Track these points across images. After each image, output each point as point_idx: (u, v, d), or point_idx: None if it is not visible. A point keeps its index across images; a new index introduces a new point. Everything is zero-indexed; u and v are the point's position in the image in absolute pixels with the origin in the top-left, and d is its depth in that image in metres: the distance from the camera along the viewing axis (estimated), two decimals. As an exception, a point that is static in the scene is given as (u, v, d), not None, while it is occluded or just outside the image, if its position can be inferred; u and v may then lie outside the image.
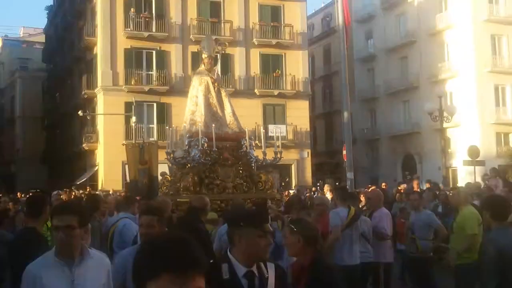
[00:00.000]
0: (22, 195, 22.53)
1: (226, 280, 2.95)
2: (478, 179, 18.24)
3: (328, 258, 7.63)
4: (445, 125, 21.98)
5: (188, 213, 7.12)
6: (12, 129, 55.37)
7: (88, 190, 26.58)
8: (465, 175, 28.00)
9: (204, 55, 11.87)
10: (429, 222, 8.92)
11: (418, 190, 15.01)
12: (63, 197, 17.35)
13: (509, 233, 5.26)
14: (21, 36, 66.79)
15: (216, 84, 11.52)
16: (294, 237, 4.04)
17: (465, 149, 24.26)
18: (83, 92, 35.93)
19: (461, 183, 23.88)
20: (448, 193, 14.18)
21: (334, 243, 7.59)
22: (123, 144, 26.04)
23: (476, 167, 21.68)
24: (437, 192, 15.16)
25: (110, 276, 3.73)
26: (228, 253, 3.15)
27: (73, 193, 22.01)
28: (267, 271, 3.14)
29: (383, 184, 23.07)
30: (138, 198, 12.13)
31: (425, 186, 19.18)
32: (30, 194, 18.97)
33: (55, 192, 17.73)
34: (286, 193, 18.23)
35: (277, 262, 4.54)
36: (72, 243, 3.44)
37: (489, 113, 36.03)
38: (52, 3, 50.69)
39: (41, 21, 67.86)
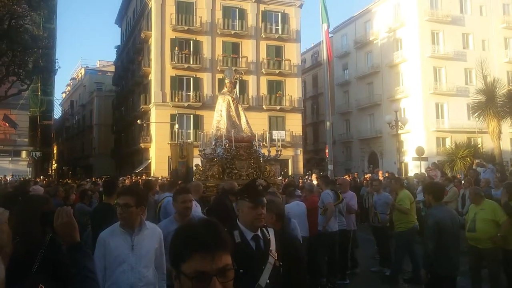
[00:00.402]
0: (98, 180, 22.78)
1: (238, 243, 2.71)
2: (423, 171, 18.08)
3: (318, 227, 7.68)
4: (399, 131, 21.78)
5: (221, 194, 7.14)
6: (90, 133, 55.78)
7: (144, 176, 26.72)
8: (413, 168, 27.82)
9: (226, 81, 11.88)
10: (387, 201, 8.89)
11: (381, 178, 14.89)
12: (127, 181, 17.43)
13: (444, 209, 5.26)
14: (98, 66, 67.28)
15: (235, 102, 11.51)
16: (269, 215, 3.94)
17: (413, 149, 24.10)
18: (141, 107, 36.11)
19: (411, 173, 23.72)
20: (401, 180, 14.11)
21: (331, 216, 7.62)
22: (168, 144, 26.18)
23: (421, 162, 21.54)
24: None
25: (162, 242, 3.66)
26: (238, 221, 2.91)
27: (133, 179, 22.14)
28: (269, 234, 2.89)
29: (355, 174, 22.97)
30: (179, 182, 12.21)
31: (385, 175, 19.05)
32: (105, 178, 19.12)
33: (121, 178, 17.85)
34: (285, 180, 18.17)
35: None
36: (129, 217, 3.40)
37: (431, 123, 35.78)
38: (120, 43, 51.00)
39: (112, 55, 68.15)
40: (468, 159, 18.28)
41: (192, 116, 33.97)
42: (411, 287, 7.71)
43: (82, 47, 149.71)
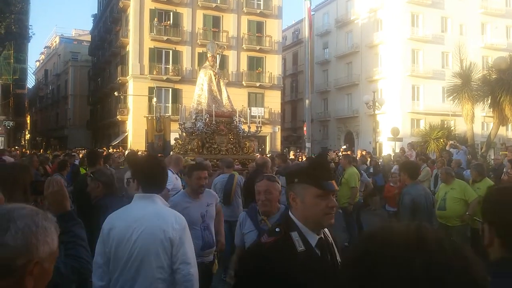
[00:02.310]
0: (73, 151, 22.39)
1: (301, 253, 1.72)
2: (397, 150, 18.47)
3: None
4: (376, 112, 22.10)
5: (257, 167, 7.33)
6: (65, 103, 54.44)
7: (120, 149, 26.40)
8: (387, 148, 28.37)
9: (209, 55, 11.78)
10: (361, 179, 9.10)
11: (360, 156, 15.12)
12: (104, 153, 17.17)
13: (419, 188, 5.42)
14: (73, 35, 65.14)
15: (217, 76, 11.44)
16: (94, 183, 3.89)
17: (389, 129, 24.53)
18: (118, 79, 35.35)
19: (385, 153, 24.19)
20: (377, 160, 14.38)
21: None
22: (144, 117, 25.84)
23: (396, 142, 21.98)
24: (369, 159, 15.33)
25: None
26: (291, 215, 1.87)
27: (111, 150, 21.86)
28: (329, 236, 1.93)
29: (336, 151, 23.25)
30: (160, 155, 12.14)
31: (362, 153, 19.37)
32: (89, 149, 18.80)
33: (100, 150, 17.58)
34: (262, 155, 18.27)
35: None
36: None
37: (407, 105, 36.37)
38: (96, 12, 49.39)
39: (88, 24, 66.04)
40: (442, 140, 18.72)
41: (170, 89, 33.51)
42: None
43: (57, 15, 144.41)
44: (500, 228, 1.42)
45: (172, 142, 14.08)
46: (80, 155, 17.03)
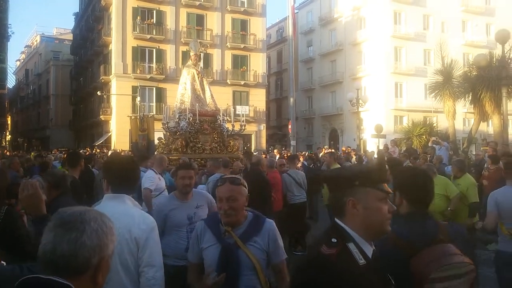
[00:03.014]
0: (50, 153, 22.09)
1: (363, 266, 1.54)
2: (381, 147, 18.65)
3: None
4: (360, 109, 22.26)
5: (253, 165, 7.65)
6: (47, 103, 53.58)
7: (103, 149, 26.10)
8: (372, 145, 28.63)
9: (191, 53, 11.70)
10: None
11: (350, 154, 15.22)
12: (87, 153, 16.95)
13: None
14: (54, 34, 64.07)
15: (200, 75, 11.38)
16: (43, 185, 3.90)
17: (372, 126, 24.74)
18: (100, 78, 34.92)
19: (369, 150, 24.39)
20: (361, 156, 14.50)
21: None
22: (128, 116, 25.58)
23: (379, 139, 22.19)
24: (354, 156, 15.45)
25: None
26: (342, 224, 1.65)
27: (94, 151, 21.57)
28: (372, 245, 1.67)
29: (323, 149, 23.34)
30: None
31: (343, 150, 19.50)
32: (70, 151, 18.49)
33: (81, 151, 17.32)
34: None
35: None
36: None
37: (390, 102, 36.73)
38: (78, 10, 48.68)
39: (70, 23, 65.10)
40: (424, 137, 19.02)
41: (154, 88, 33.23)
42: None
43: (38, 13, 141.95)
44: (404, 193, 2.27)
45: (156, 141, 13.97)
46: (64, 156, 16.77)
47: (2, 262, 1.95)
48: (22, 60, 70.96)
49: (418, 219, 2.16)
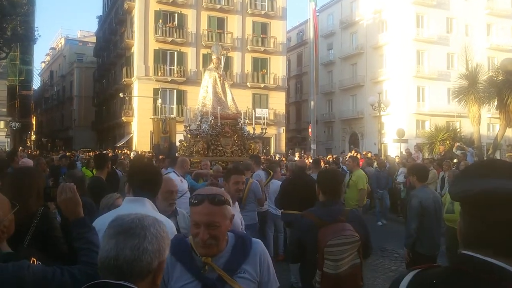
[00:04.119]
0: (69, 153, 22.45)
1: None
2: (403, 152, 18.37)
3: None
4: (381, 113, 21.99)
5: (298, 169, 7.51)
6: (70, 104, 54.67)
7: (126, 150, 26.45)
8: (393, 149, 28.23)
9: (213, 56, 11.74)
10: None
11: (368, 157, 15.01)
12: (110, 154, 17.18)
13: (427, 191, 5.37)
14: (78, 37, 65.41)
15: (221, 78, 11.41)
16: None
17: (393, 130, 24.41)
18: (123, 80, 35.46)
19: (390, 154, 24.06)
20: (384, 161, 14.31)
21: None
22: (150, 118, 25.87)
23: (401, 144, 21.86)
24: (375, 161, 15.23)
25: None
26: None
27: (117, 152, 21.87)
28: None
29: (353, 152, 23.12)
30: (161, 157, 12.12)
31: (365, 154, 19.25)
32: (97, 152, 18.73)
33: (104, 152, 17.59)
34: (267, 157, 18.23)
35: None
36: None
37: (412, 106, 36.23)
38: (102, 13, 49.57)
39: (93, 26, 66.34)
40: (448, 142, 18.62)
41: (175, 91, 33.54)
42: (374, 260, 7.99)
43: (63, 16, 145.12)
44: (320, 187, 3.35)
45: (178, 144, 14.06)
46: (85, 156, 17.05)
47: (38, 262, 1.98)
48: (47, 62, 72.61)
49: (327, 205, 3.24)
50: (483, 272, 1.12)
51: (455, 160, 11.62)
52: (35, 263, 1.94)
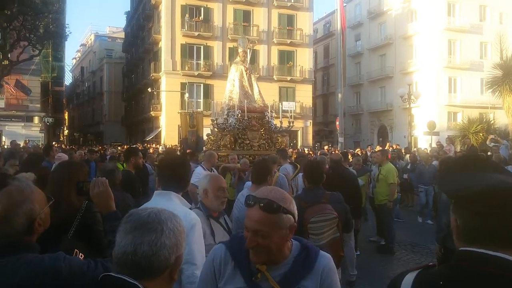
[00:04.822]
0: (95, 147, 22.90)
1: None
2: (434, 145, 17.94)
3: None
4: (411, 105, 21.52)
5: (334, 162, 7.52)
6: (101, 100, 55.93)
7: (154, 144, 26.88)
8: (423, 142, 27.61)
9: (239, 50, 11.70)
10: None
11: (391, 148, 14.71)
12: (139, 148, 17.51)
13: None
14: (107, 33, 66.68)
15: (248, 71, 11.38)
16: None
17: (424, 123, 23.86)
18: (151, 75, 35.96)
19: (421, 147, 23.55)
20: (415, 154, 14.00)
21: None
22: (178, 113, 26.17)
23: (432, 136, 21.37)
24: (404, 154, 14.94)
25: None
26: None
27: (146, 145, 22.24)
28: None
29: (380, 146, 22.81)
30: (188, 150, 12.25)
31: (393, 147, 18.91)
32: (127, 147, 19.07)
33: (133, 146, 17.94)
34: (294, 150, 18.16)
35: None
36: None
37: (443, 98, 35.29)
38: (129, 9, 50.34)
39: (122, 22, 67.30)
40: (481, 134, 18.06)
41: (202, 85, 33.79)
42: (405, 255, 7.86)
43: (92, 13, 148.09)
44: (305, 175, 3.97)
45: (205, 137, 14.17)
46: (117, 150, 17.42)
47: (81, 254, 2.05)
48: (78, 58, 74.45)
49: (312, 190, 3.85)
50: (492, 267, 1.11)
51: (489, 153, 11.23)
52: (78, 255, 2.01)
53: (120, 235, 1.30)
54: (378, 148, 18.09)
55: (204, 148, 12.01)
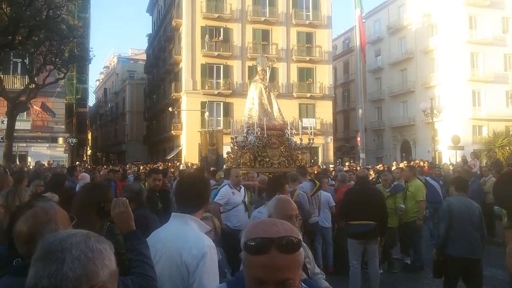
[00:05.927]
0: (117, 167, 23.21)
1: None
2: (458, 160, 17.58)
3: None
4: (434, 119, 21.21)
5: (360, 179, 7.18)
6: (123, 119, 56.98)
7: (173, 163, 27.17)
8: (447, 157, 27.09)
9: (258, 68, 11.83)
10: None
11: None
12: (160, 167, 17.73)
13: (461, 199, 5.55)
14: (130, 55, 68.35)
15: (267, 89, 11.47)
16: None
17: (448, 137, 23.45)
18: (172, 94, 36.56)
19: (447, 162, 23.09)
20: (440, 170, 13.74)
21: None
22: (198, 131, 26.47)
23: (457, 151, 20.96)
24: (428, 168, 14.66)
25: None
26: None
27: (167, 164, 22.49)
28: None
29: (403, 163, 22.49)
30: (212, 168, 12.33)
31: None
32: (146, 166, 19.31)
33: (155, 165, 18.18)
34: (315, 168, 18.05)
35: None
36: None
37: (467, 111, 34.67)
38: (151, 32, 51.60)
39: (143, 44, 68.95)
40: (507, 148, 17.60)
41: (222, 103, 34.13)
42: (429, 273, 7.69)
43: (115, 36, 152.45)
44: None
45: (225, 155, 14.26)
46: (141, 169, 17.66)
47: None
48: (101, 80, 76.38)
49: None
50: None
51: (516, 167, 10.92)
52: None
53: (30, 266, 1.13)
54: (402, 164, 17.80)
55: (224, 166, 12.07)
